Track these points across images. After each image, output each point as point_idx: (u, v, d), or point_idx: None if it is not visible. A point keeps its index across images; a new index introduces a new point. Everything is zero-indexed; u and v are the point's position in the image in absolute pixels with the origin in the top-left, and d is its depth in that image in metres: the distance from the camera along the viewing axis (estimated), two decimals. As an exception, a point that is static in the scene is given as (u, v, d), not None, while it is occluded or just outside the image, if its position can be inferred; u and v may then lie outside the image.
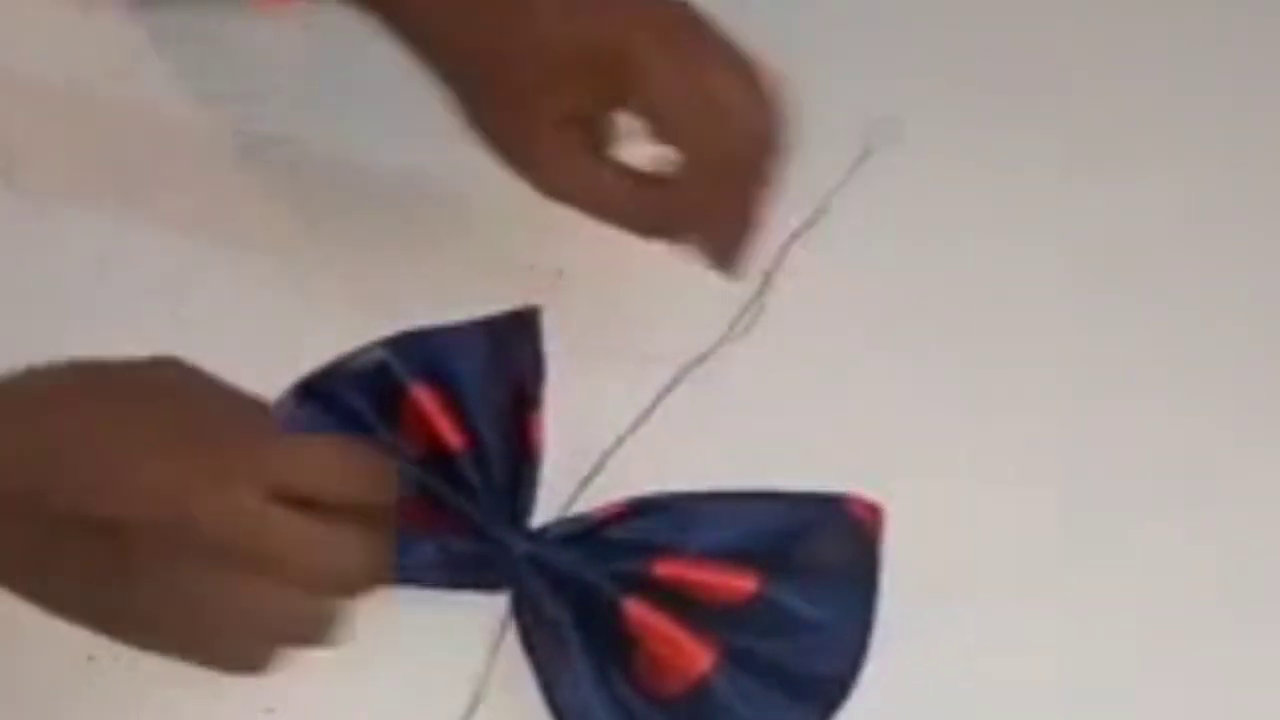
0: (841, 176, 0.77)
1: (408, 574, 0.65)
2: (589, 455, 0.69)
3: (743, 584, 0.65)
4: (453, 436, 0.68)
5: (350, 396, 0.68)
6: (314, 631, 0.58)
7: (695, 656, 0.63)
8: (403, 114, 0.73)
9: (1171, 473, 0.69)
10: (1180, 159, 0.79)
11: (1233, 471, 0.70)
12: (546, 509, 0.68)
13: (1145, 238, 0.77)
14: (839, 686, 0.64)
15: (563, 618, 0.64)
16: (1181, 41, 0.84)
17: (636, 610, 0.64)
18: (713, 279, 0.70)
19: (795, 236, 0.75)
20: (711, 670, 0.63)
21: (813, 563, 0.65)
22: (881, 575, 0.66)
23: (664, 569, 0.65)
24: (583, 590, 0.64)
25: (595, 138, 0.65)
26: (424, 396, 0.68)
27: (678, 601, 0.64)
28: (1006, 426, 0.70)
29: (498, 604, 0.65)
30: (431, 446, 0.68)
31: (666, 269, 0.71)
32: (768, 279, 0.74)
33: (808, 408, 0.69)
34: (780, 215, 0.75)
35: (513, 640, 0.64)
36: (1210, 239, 0.77)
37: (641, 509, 0.67)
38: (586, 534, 0.66)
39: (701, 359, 0.72)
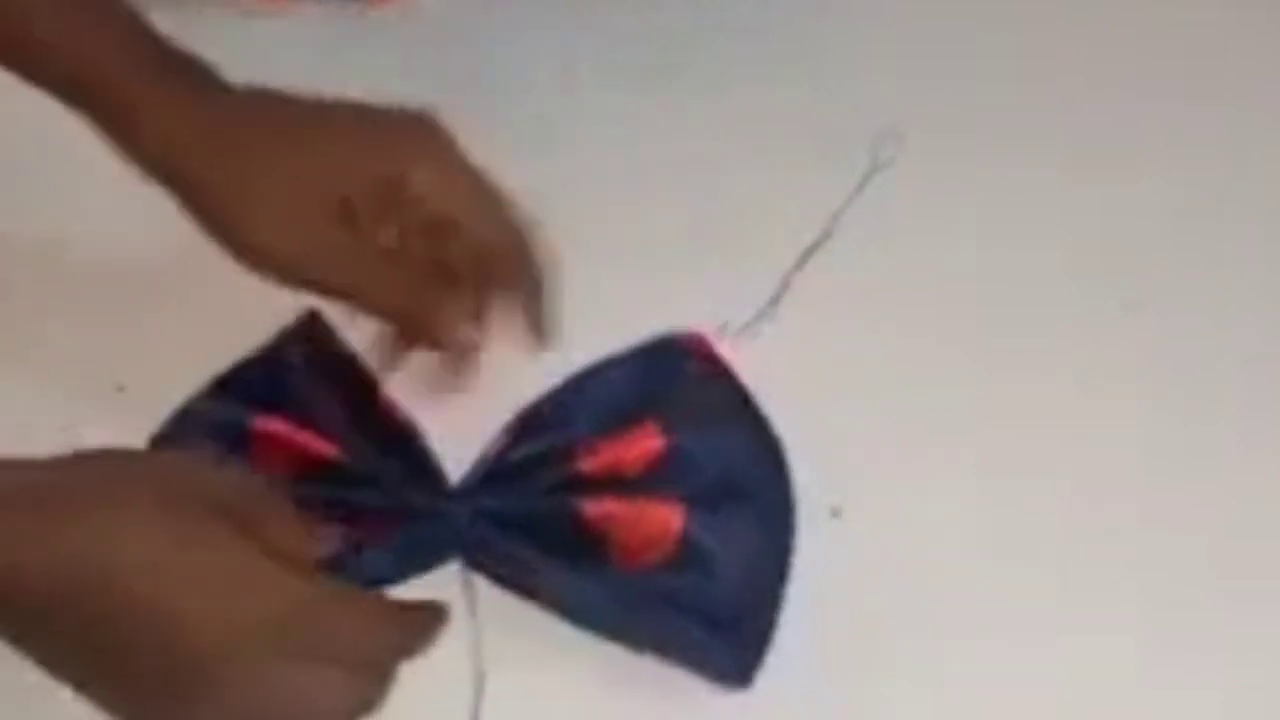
0: (849, 192, 0.77)
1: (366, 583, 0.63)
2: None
3: (651, 442, 0.65)
4: (321, 445, 0.67)
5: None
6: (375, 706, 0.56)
7: (668, 519, 0.63)
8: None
9: (1171, 471, 0.69)
10: (1179, 162, 0.80)
11: (1232, 470, 0.70)
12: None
13: (1148, 243, 0.77)
14: (783, 499, 0.65)
15: (524, 554, 0.64)
16: (1181, 43, 0.85)
17: (595, 509, 0.64)
18: (719, 294, 0.70)
19: (805, 255, 0.75)
20: (685, 522, 0.63)
21: (692, 403, 0.66)
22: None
23: (585, 464, 0.65)
24: (535, 516, 0.64)
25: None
26: (270, 425, 0.67)
27: (618, 484, 0.64)
28: (1014, 434, 0.70)
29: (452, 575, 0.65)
30: (308, 463, 0.66)
31: (673, 287, 0.72)
32: (777, 297, 0.74)
33: (815, 416, 0.69)
34: (789, 231, 0.76)
35: (496, 610, 0.64)
36: (1210, 240, 0.77)
37: (525, 423, 0.67)
38: (498, 470, 0.66)
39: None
